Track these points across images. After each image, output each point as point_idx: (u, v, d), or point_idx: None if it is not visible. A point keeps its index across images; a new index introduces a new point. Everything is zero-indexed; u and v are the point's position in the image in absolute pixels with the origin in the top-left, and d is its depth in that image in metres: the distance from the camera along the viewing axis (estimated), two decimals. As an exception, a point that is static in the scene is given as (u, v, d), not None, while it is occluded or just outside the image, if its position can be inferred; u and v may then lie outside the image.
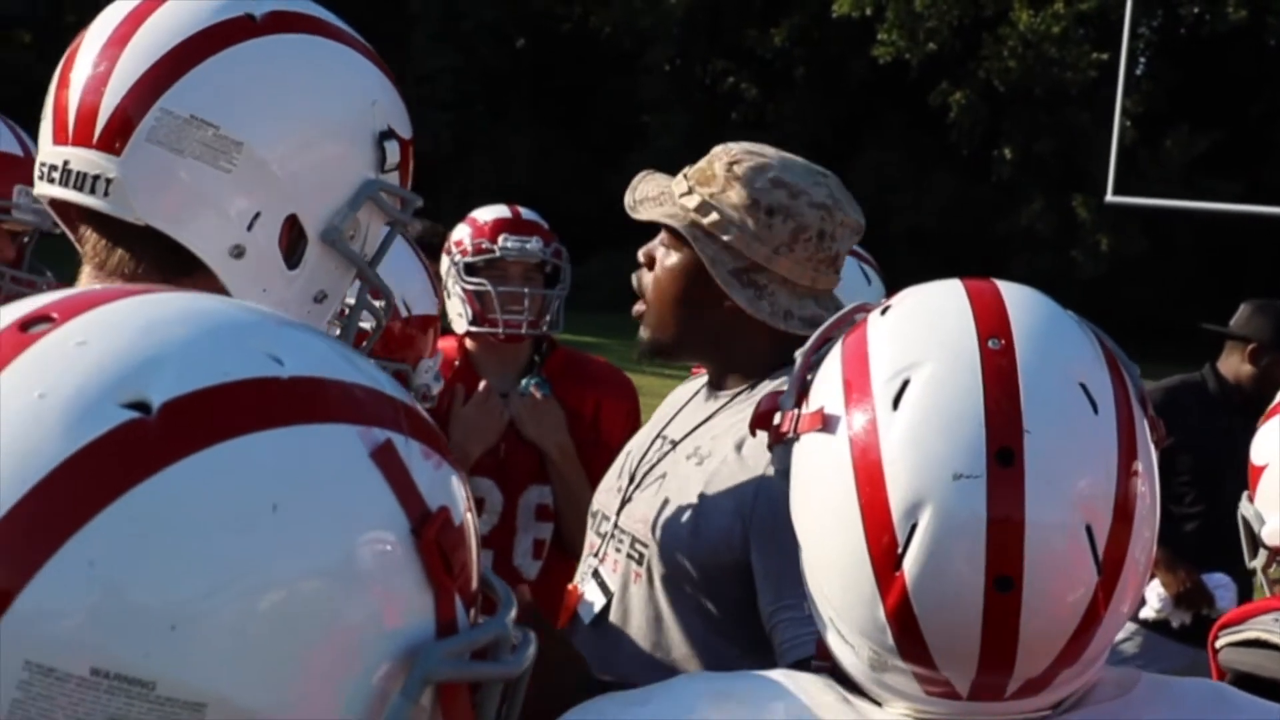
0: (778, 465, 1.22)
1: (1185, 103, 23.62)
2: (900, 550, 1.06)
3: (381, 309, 1.51)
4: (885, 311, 1.19)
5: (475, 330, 3.11)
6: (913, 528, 1.06)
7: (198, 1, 1.38)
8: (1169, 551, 4.10)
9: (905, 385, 1.10)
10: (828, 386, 1.16)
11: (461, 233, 3.19)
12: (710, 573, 1.90)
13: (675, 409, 2.15)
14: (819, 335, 1.25)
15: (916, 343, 1.13)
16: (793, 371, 1.23)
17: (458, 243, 3.17)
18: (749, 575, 1.85)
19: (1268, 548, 1.75)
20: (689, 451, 2.01)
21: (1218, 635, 1.66)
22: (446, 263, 3.18)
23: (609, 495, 2.13)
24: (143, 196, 1.34)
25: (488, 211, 3.23)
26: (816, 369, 1.21)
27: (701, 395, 2.12)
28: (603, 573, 2.04)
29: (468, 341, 3.19)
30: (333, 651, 0.78)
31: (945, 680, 1.09)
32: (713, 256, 1.98)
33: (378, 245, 1.48)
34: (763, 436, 1.25)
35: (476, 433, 3.04)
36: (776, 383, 1.90)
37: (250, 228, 1.36)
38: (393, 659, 0.80)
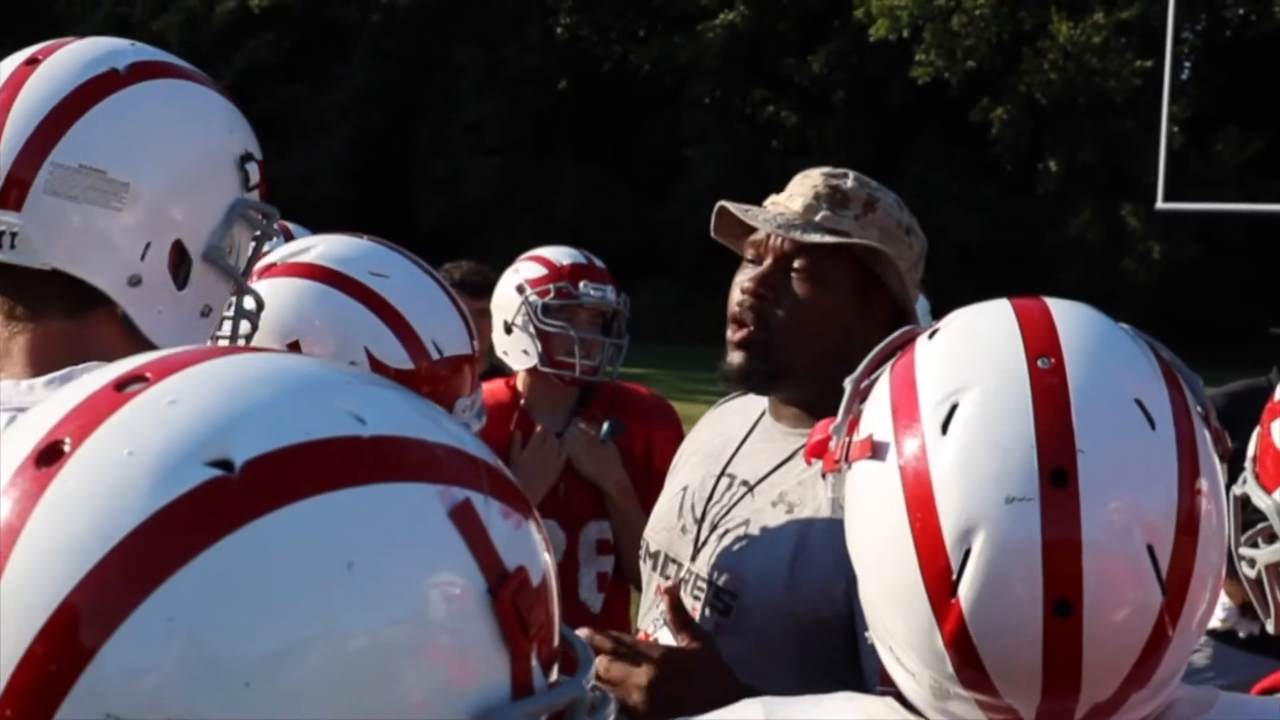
0: (833, 495, 1.21)
1: (1234, 104, 23.40)
2: (955, 577, 1.04)
3: (253, 312, 1.68)
4: (933, 335, 1.17)
5: (545, 370, 3.11)
6: (966, 553, 1.04)
7: (66, 64, 1.51)
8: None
9: (954, 409, 1.08)
10: (877, 413, 1.15)
11: (535, 272, 3.18)
12: (808, 627, 1.84)
13: (730, 442, 2.07)
14: (869, 362, 1.23)
15: (964, 365, 1.11)
16: (843, 399, 1.22)
17: (532, 281, 3.15)
18: (848, 629, 1.78)
19: None
20: (773, 498, 1.94)
21: None
22: (512, 299, 3.17)
23: (672, 536, 2.06)
24: (46, 243, 1.46)
25: (560, 254, 3.22)
26: (867, 396, 1.20)
27: (768, 429, 2.04)
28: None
29: (519, 382, 3.20)
30: (404, 712, 0.77)
31: (1009, 707, 1.07)
32: (896, 280, 1.90)
33: (247, 259, 1.64)
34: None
35: (539, 476, 3.05)
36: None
37: (143, 257, 1.50)
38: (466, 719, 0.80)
